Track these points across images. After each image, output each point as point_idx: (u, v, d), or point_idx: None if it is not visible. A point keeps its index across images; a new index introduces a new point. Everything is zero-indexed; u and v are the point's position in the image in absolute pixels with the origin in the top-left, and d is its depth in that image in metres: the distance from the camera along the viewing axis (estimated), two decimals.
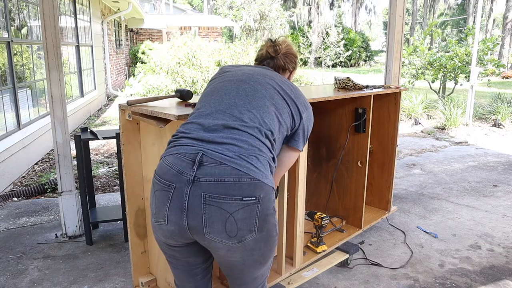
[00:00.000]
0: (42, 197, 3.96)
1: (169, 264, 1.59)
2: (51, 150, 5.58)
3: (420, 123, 7.72)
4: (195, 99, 2.14)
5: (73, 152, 4.34)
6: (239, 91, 1.49)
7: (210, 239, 1.31)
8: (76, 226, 3.09)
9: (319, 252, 2.52)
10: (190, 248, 1.46)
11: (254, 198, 1.29)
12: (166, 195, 1.32)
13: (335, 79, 2.87)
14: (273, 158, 1.44)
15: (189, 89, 3.84)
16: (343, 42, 15.19)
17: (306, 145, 2.25)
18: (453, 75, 8.61)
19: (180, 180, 1.30)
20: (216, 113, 1.43)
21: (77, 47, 8.17)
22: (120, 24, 13.58)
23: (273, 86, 1.53)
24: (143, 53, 13.74)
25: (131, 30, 15.98)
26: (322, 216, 2.46)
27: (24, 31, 5.60)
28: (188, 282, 1.58)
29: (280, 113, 1.49)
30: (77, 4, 8.25)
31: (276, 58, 1.71)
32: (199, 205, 1.28)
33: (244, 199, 1.28)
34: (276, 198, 2.12)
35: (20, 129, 4.87)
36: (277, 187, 2.06)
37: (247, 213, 1.29)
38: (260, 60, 1.74)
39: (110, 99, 10.99)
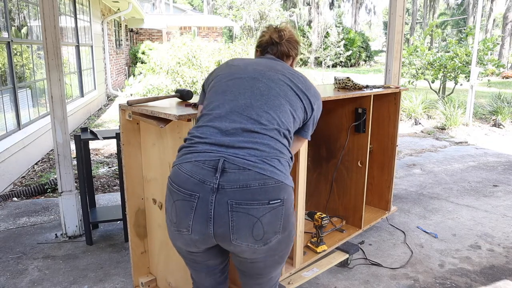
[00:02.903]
0: (42, 197, 3.96)
1: (190, 269, 1.58)
2: (51, 150, 5.58)
3: (420, 123, 7.72)
4: (195, 99, 2.14)
5: (73, 152, 4.34)
6: (253, 90, 1.45)
7: (236, 245, 1.31)
8: (76, 226, 3.09)
9: (319, 252, 2.52)
10: (211, 251, 1.45)
11: (279, 200, 1.30)
12: (189, 205, 1.29)
13: (335, 79, 2.87)
14: (291, 157, 1.44)
15: (189, 89, 3.84)
16: (343, 42, 15.19)
17: (306, 145, 2.26)
18: (453, 75, 8.60)
19: (203, 189, 1.27)
20: (232, 115, 1.39)
21: (77, 47, 8.17)
22: (120, 24, 13.58)
23: (285, 82, 1.50)
24: (143, 53, 13.74)
25: (131, 30, 15.98)
26: (322, 216, 2.46)
27: (24, 31, 5.60)
28: (208, 280, 1.57)
29: (294, 109, 1.48)
30: (77, 4, 8.25)
31: (280, 44, 1.67)
32: (226, 213, 1.26)
33: (271, 202, 1.28)
34: None
35: (20, 129, 4.87)
36: None
37: (274, 216, 1.29)
38: (264, 46, 1.70)
39: (110, 99, 10.99)
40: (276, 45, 1.68)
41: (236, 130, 1.35)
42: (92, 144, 5.65)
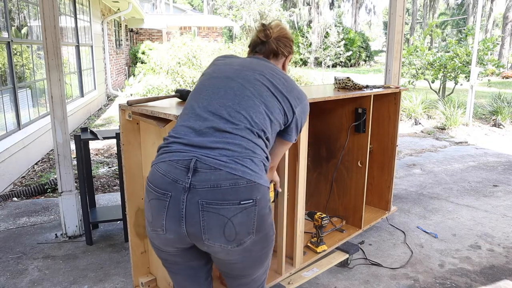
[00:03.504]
0: (42, 197, 3.96)
1: (171, 274, 1.55)
2: (51, 150, 5.58)
3: (420, 123, 7.72)
4: None
5: (73, 152, 4.34)
6: (227, 89, 1.43)
7: (209, 245, 1.31)
8: (76, 226, 3.09)
9: (319, 252, 2.52)
10: (191, 251, 1.44)
11: (252, 201, 1.28)
12: (162, 204, 1.30)
13: (335, 79, 2.87)
14: (267, 157, 1.42)
15: (189, 89, 3.84)
16: (343, 42, 15.19)
17: (306, 145, 2.26)
18: (453, 75, 8.60)
19: (175, 188, 1.28)
20: (205, 114, 1.39)
21: (77, 47, 8.17)
22: (120, 24, 13.58)
23: (262, 82, 1.46)
24: (143, 53, 13.74)
25: (131, 30, 15.98)
26: (322, 216, 2.46)
27: (24, 31, 5.60)
28: (193, 286, 1.55)
29: (271, 111, 1.44)
30: (77, 4, 8.25)
31: (267, 43, 1.62)
32: (197, 212, 1.26)
33: (242, 202, 1.27)
34: (276, 197, 2.12)
35: (20, 129, 4.87)
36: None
37: (245, 216, 1.28)
38: (253, 46, 1.67)
39: (110, 99, 10.99)
40: (264, 44, 1.63)
41: (208, 130, 1.35)
42: (92, 144, 5.65)
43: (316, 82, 12.79)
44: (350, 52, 20.37)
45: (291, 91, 1.51)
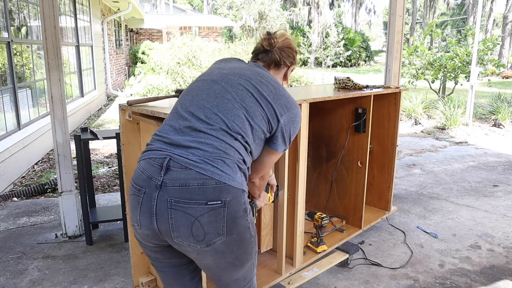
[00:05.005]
0: (42, 197, 3.96)
1: (156, 271, 1.58)
2: (51, 150, 5.58)
3: (420, 123, 7.72)
4: None
5: (73, 152, 4.34)
6: (209, 92, 1.45)
7: (179, 243, 1.32)
8: (76, 226, 3.09)
9: (319, 252, 2.52)
10: (170, 249, 1.45)
11: (220, 202, 1.28)
12: (137, 199, 1.34)
13: (335, 79, 2.87)
14: (243, 160, 1.40)
15: None
16: (343, 42, 15.18)
17: (306, 145, 2.26)
18: (453, 75, 8.60)
19: (149, 185, 1.31)
20: (185, 114, 1.41)
21: (77, 47, 8.17)
22: (120, 24, 13.58)
23: (246, 87, 1.45)
24: (143, 53, 13.74)
25: (131, 30, 15.98)
26: (322, 216, 2.46)
27: (24, 31, 5.60)
28: (178, 285, 1.56)
29: (251, 116, 1.42)
30: (77, 4, 8.25)
31: (270, 52, 1.62)
32: (166, 210, 1.29)
33: (209, 203, 1.27)
34: (277, 198, 2.12)
35: (20, 129, 4.87)
36: (277, 187, 2.06)
37: (213, 217, 1.28)
38: (256, 53, 1.67)
39: (110, 99, 10.99)
40: (267, 53, 1.63)
41: (186, 129, 1.38)
42: (92, 144, 5.64)
43: (316, 82, 12.79)
44: (350, 52, 20.37)
45: (278, 98, 1.48)
